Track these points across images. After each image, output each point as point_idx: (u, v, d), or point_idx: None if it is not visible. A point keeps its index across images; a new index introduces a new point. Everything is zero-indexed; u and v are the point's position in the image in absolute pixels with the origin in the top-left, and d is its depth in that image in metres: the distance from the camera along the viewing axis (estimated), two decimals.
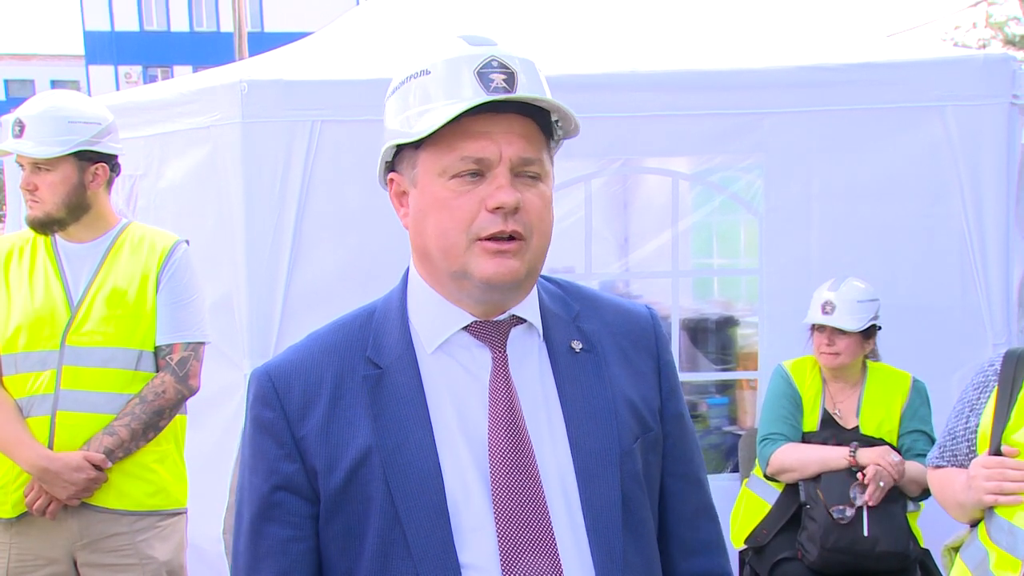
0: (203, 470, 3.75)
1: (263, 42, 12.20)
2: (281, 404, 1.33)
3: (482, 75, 1.26)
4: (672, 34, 4.22)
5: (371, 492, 1.29)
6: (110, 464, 2.61)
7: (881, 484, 3.21)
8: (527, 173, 1.29)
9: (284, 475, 1.33)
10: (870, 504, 3.21)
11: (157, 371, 2.71)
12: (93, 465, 2.58)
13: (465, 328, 1.34)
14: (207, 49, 34.29)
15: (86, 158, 2.68)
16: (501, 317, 1.35)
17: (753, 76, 3.80)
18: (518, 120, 1.28)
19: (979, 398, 2.23)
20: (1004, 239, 3.74)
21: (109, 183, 2.77)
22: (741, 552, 3.55)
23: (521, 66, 1.28)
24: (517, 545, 1.27)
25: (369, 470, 1.29)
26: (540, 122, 1.31)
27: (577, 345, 1.39)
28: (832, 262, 3.73)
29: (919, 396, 3.44)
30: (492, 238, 1.26)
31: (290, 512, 1.33)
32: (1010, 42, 24.76)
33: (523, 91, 1.27)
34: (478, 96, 1.24)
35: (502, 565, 1.26)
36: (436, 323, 1.35)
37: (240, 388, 3.66)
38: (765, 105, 3.78)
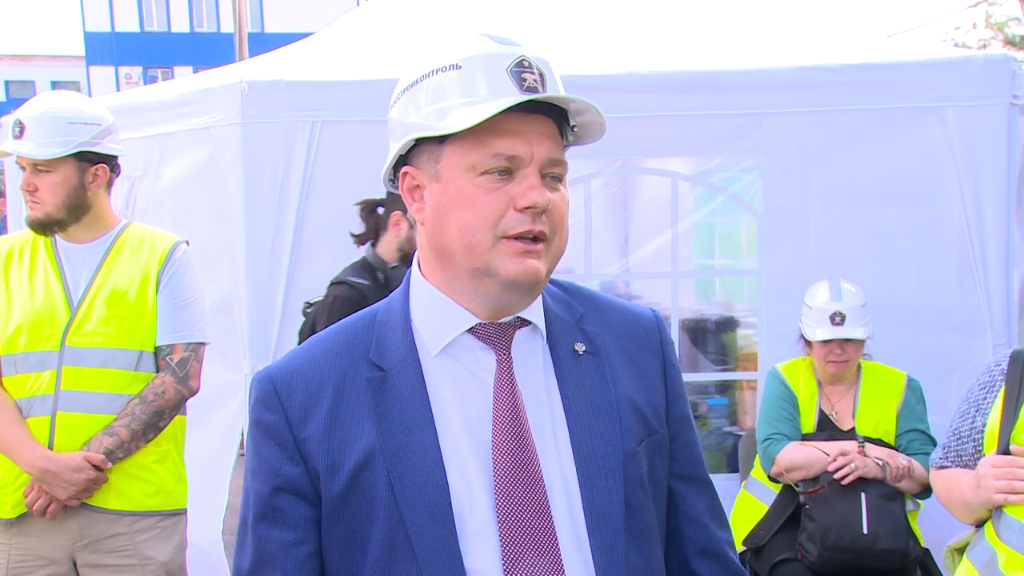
0: (203, 470, 3.75)
1: (263, 43, 12.20)
2: (283, 407, 1.32)
3: (515, 74, 1.25)
4: (671, 35, 4.22)
5: (374, 495, 1.28)
6: (110, 465, 2.60)
7: (854, 466, 3.25)
8: (552, 174, 1.28)
9: (286, 478, 1.32)
10: (836, 479, 3.25)
11: (157, 372, 2.71)
12: (93, 466, 2.57)
13: (469, 330, 1.33)
14: (207, 50, 34.27)
15: (86, 159, 2.67)
16: (506, 319, 1.34)
17: (753, 77, 3.81)
18: (545, 121, 1.28)
19: (985, 398, 2.22)
20: (1004, 240, 3.74)
21: (109, 184, 2.77)
22: (740, 554, 3.55)
23: (545, 67, 1.29)
24: (520, 549, 1.26)
25: (372, 473, 1.28)
26: (558, 125, 1.31)
27: (580, 347, 1.37)
28: (831, 263, 3.73)
29: (914, 395, 3.44)
30: (519, 238, 1.25)
31: (292, 515, 1.32)
32: (1010, 42, 24.75)
33: (551, 91, 1.27)
34: (512, 94, 1.24)
35: (505, 569, 1.26)
36: (440, 325, 1.33)
37: (240, 389, 3.66)
38: (765, 106, 3.79)
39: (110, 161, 2.74)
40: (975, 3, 25.49)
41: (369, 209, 3.38)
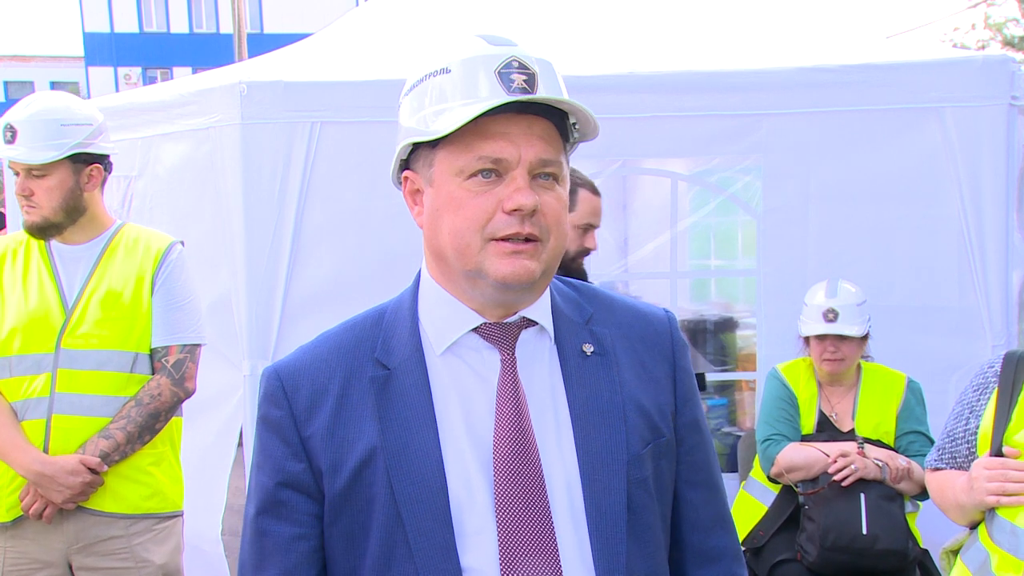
0: (202, 471, 3.74)
1: (262, 43, 12.20)
2: (289, 403, 1.34)
3: (503, 75, 1.25)
4: (671, 35, 4.22)
5: (375, 493, 1.29)
6: (106, 468, 2.58)
7: (854, 467, 3.25)
8: (545, 175, 1.28)
9: (290, 474, 1.33)
10: (836, 480, 3.25)
11: (153, 373, 2.69)
12: (88, 468, 2.55)
13: (475, 330, 1.33)
14: (206, 50, 34.26)
15: (80, 160, 2.63)
16: (511, 319, 1.34)
17: (752, 77, 3.81)
18: (537, 121, 1.28)
19: (979, 400, 2.21)
20: (1003, 240, 3.74)
21: (103, 184, 2.73)
22: None
23: (540, 67, 1.28)
24: (518, 549, 1.26)
25: (373, 471, 1.29)
26: (558, 124, 1.31)
27: (588, 348, 1.37)
28: (831, 263, 3.74)
29: (914, 396, 3.44)
30: (507, 239, 1.26)
31: (295, 511, 1.33)
32: (1009, 43, 24.78)
33: (543, 92, 1.27)
34: (498, 96, 1.23)
35: (502, 569, 1.26)
36: (446, 324, 1.34)
37: (239, 389, 3.66)
38: (764, 106, 3.79)
39: (103, 160, 2.71)
40: (974, 4, 25.52)
41: None
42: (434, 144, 1.28)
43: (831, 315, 3.39)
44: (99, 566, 2.64)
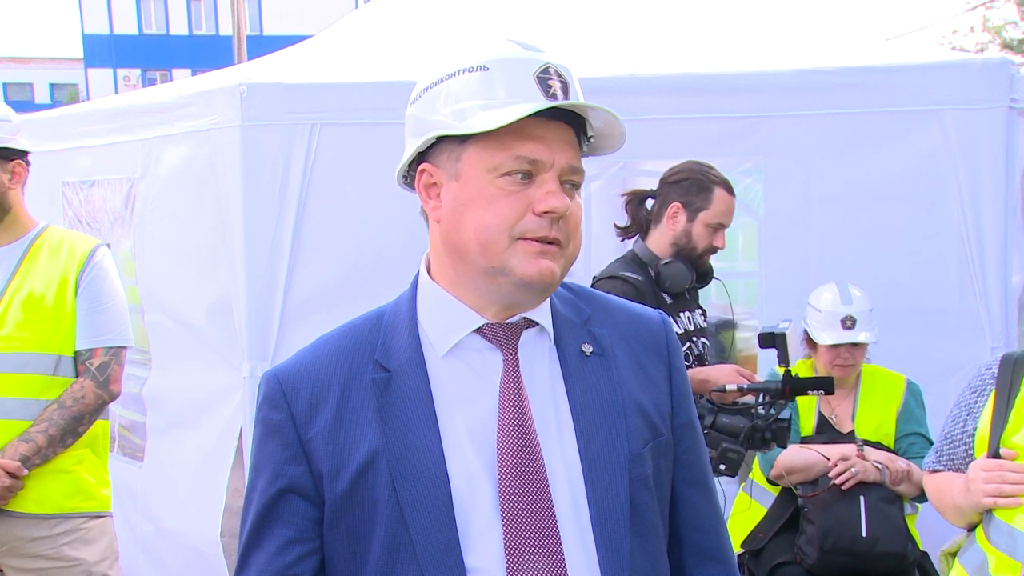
0: (201, 472, 3.74)
1: (262, 45, 12.20)
2: (288, 406, 1.34)
3: (541, 80, 1.28)
4: (671, 37, 4.22)
5: (377, 496, 1.29)
6: (25, 471, 2.53)
7: (854, 470, 3.24)
8: (571, 182, 1.30)
9: (289, 477, 1.33)
10: (836, 483, 3.25)
11: (77, 376, 2.64)
12: (8, 473, 2.50)
13: (477, 331, 1.34)
14: (206, 52, 34.29)
15: (3, 156, 2.60)
16: (513, 320, 1.35)
17: (752, 79, 3.81)
18: (566, 129, 1.30)
19: (976, 402, 2.21)
20: (1002, 242, 3.74)
21: (23, 183, 2.68)
22: (738, 556, 3.55)
23: (568, 75, 1.31)
24: (523, 548, 1.27)
25: (375, 474, 1.29)
26: (577, 134, 1.33)
27: (588, 349, 1.38)
28: (831, 265, 3.74)
29: (914, 398, 3.44)
30: (535, 239, 1.27)
31: (293, 514, 1.34)
32: (1008, 46, 24.84)
33: (576, 100, 1.29)
34: (538, 100, 1.25)
35: (507, 568, 1.27)
36: (447, 326, 1.35)
37: (238, 390, 3.66)
38: (764, 108, 3.79)
39: (23, 157, 2.66)
40: (973, 7, 25.58)
41: (638, 201, 3.20)
42: (463, 139, 1.28)
43: (849, 322, 3.37)
44: (29, 568, 2.60)
